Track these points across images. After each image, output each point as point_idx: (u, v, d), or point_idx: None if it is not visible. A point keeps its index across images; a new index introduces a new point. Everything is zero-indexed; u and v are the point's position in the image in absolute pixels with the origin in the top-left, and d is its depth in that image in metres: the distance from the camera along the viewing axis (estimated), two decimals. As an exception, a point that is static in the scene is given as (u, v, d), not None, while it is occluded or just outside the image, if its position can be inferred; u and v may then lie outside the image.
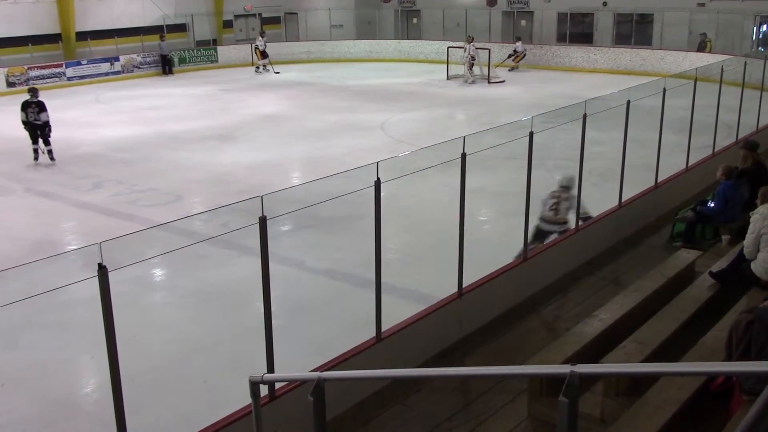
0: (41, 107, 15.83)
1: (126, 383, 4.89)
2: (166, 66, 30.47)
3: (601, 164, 11.19)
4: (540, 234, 9.28)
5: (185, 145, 17.20)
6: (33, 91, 16.26)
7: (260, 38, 30.74)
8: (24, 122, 15.88)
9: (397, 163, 7.58)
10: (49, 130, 15.93)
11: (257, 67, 30.47)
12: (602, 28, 30.81)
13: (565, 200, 9.25)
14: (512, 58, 29.22)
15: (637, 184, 10.64)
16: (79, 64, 28.06)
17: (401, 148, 15.42)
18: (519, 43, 29.45)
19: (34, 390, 7.00)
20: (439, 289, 7.75)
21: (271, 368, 5.69)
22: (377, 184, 6.23)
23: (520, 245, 8.41)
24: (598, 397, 5.60)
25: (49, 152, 15.89)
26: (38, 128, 15.80)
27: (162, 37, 30.44)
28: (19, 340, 8.01)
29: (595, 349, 6.07)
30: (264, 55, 30.41)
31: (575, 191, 9.23)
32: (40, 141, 15.88)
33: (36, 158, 15.94)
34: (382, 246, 6.50)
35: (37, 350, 7.81)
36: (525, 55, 29.45)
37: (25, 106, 15.86)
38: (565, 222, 9.29)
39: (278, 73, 29.72)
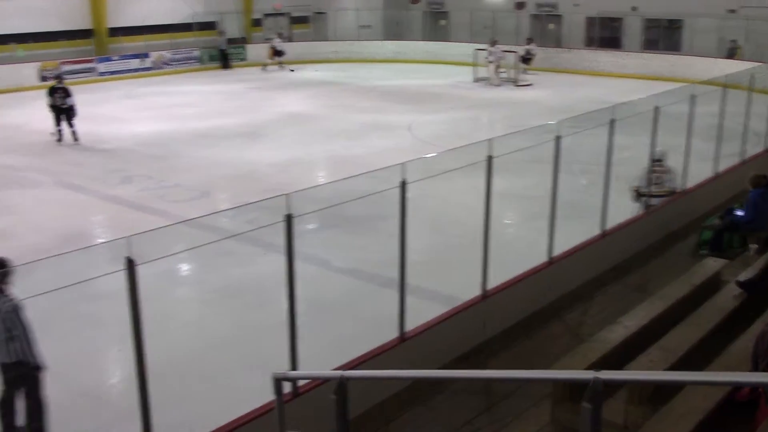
0: (67, 92, 17.09)
1: (151, 376, 4.95)
2: (224, 60, 31.05)
3: (628, 170, 11.11)
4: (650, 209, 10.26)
5: (213, 141, 17.33)
6: (59, 78, 17.96)
7: (277, 38, 31.04)
8: (51, 105, 17.08)
9: (423, 165, 7.60)
10: (74, 114, 17.16)
11: (264, 66, 30.67)
12: (631, 33, 30.57)
13: (664, 173, 10.23)
14: (526, 60, 28.55)
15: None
16: (110, 59, 28.38)
17: (427, 150, 15.41)
18: (533, 45, 29.10)
19: (61, 380, 7.08)
20: (462, 291, 7.75)
21: (294, 365, 5.74)
22: (403, 185, 6.25)
23: (545, 248, 8.38)
24: (621, 404, 5.57)
25: (73, 133, 17.15)
26: (64, 111, 17.09)
27: (221, 33, 31.12)
28: (48, 331, 8.10)
29: (619, 356, 6.04)
30: (278, 53, 30.62)
31: (668, 162, 10.30)
32: (63, 123, 17.11)
33: (59, 139, 17.12)
34: (407, 247, 6.52)
35: (64, 341, 7.91)
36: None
37: (53, 92, 17.11)
38: (667, 193, 10.30)
39: (293, 71, 29.90)
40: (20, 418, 6.21)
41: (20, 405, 6.13)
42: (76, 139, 17.18)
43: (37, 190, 13.66)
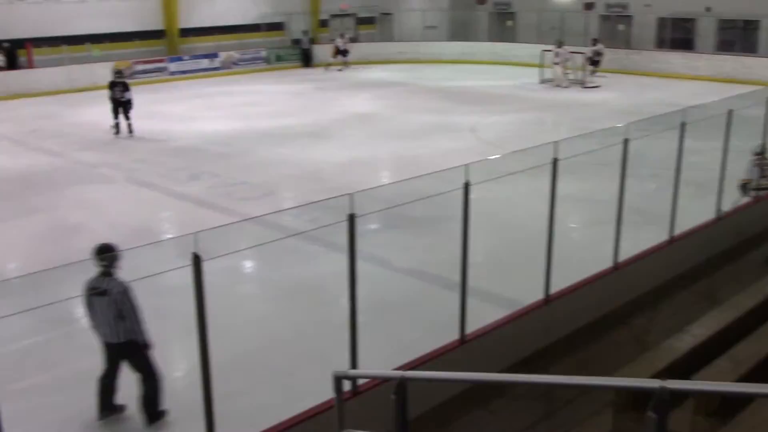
0: (126, 87, 18.03)
1: (215, 370, 5.05)
2: (306, 59, 32.00)
3: (699, 175, 10.83)
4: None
5: (279, 141, 17.57)
6: (119, 73, 18.82)
7: (340, 38, 31.31)
8: (111, 98, 18.05)
9: (487, 166, 7.56)
10: (131, 107, 18.02)
11: (327, 66, 30.89)
12: (704, 34, 29.73)
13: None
14: (594, 62, 27.24)
15: (737, 197, 10.27)
16: (181, 59, 29.07)
17: (491, 151, 15.30)
18: (600, 46, 27.90)
19: (128, 371, 7.28)
20: (524, 295, 7.68)
21: (354, 364, 5.77)
22: (466, 187, 6.22)
23: (610, 253, 8.23)
24: (687, 415, 5.43)
25: (129, 125, 18.19)
26: (122, 105, 17.98)
27: (305, 32, 32.03)
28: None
29: (686, 366, 5.88)
30: (341, 53, 30.83)
31: None
32: (121, 116, 18.03)
33: (117, 132, 18.08)
34: (469, 248, 6.49)
35: (132, 333, 8.11)
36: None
37: (112, 86, 18.06)
38: None
39: (340, 71, 30.14)
40: (119, 398, 6.47)
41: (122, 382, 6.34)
42: (131, 131, 18.07)
43: (110, 186, 14.07)
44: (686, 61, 28.56)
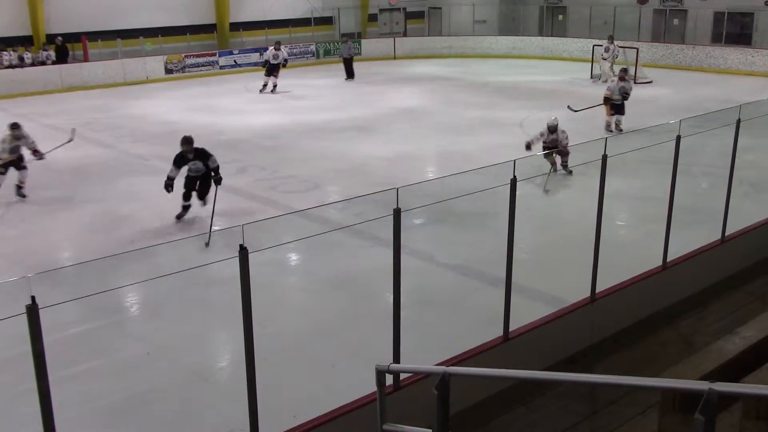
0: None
1: (258, 361, 5.10)
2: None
3: (754, 173, 10.57)
4: None
5: (326, 134, 17.64)
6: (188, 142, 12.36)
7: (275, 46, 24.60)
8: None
9: (535, 162, 7.49)
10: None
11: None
12: (762, 29, 28.95)
13: None
14: None
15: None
16: (230, 53, 29.39)
17: (539, 147, 15.13)
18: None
19: (174, 360, 7.41)
20: (570, 293, 7.60)
21: (397, 359, 5.78)
22: (513, 183, 6.17)
23: (659, 252, 8.09)
24: (735, 418, 5.30)
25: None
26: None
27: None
28: (164, 312, 8.49)
29: (736, 368, 5.75)
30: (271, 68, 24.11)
31: None
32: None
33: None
34: (515, 245, 6.44)
35: (178, 323, 8.26)
36: None
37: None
38: None
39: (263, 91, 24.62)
40: None
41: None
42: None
43: (160, 178, 14.24)
44: (743, 56, 27.86)
